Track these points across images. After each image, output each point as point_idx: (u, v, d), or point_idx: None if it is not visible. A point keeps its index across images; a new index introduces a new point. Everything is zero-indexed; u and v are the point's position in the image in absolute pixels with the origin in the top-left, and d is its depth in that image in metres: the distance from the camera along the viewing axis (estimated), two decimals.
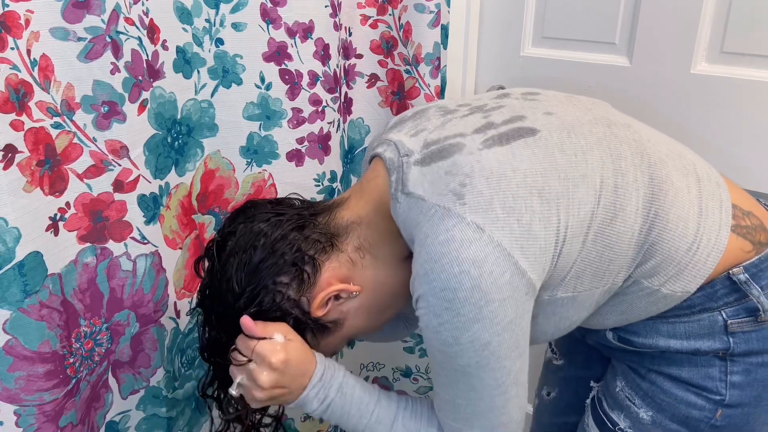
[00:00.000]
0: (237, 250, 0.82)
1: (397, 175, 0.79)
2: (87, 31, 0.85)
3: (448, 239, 0.70)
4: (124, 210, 0.96)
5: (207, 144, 1.14)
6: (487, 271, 0.70)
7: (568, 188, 0.75)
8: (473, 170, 0.74)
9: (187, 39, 1.04)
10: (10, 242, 0.81)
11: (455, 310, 0.71)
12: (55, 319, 0.89)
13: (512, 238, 0.71)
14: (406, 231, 0.79)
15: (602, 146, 0.79)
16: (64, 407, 0.92)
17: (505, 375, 0.76)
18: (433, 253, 0.71)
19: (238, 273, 0.81)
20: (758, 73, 1.09)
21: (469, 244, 0.70)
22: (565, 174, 0.76)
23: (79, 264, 0.93)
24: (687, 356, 0.84)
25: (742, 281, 0.79)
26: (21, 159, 0.81)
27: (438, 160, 0.77)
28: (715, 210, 0.81)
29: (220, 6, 1.07)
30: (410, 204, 0.76)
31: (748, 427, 0.85)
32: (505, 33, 1.38)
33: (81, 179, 0.91)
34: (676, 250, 0.78)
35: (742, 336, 0.80)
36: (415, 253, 0.75)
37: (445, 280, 0.70)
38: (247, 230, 0.83)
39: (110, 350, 1.01)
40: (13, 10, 0.78)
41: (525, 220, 0.72)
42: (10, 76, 0.79)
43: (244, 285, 0.81)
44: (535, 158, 0.76)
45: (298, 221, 0.84)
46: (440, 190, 0.74)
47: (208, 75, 1.10)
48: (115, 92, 0.90)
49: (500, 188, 0.73)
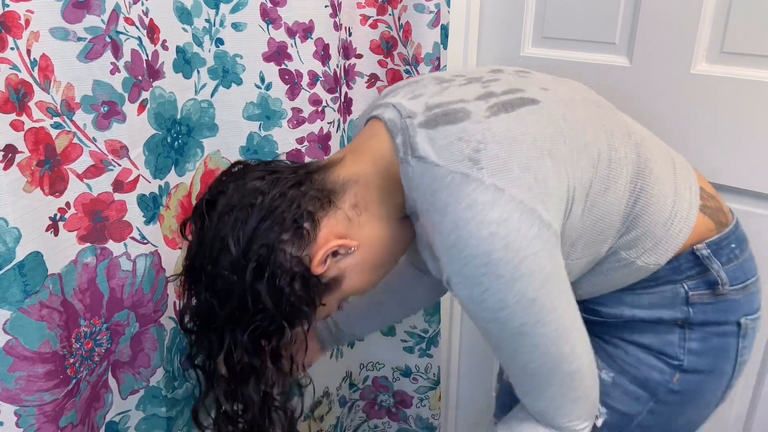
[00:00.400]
0: (231, 208, 0.80)
1: (403, 138, 0.80)
2: (87, 31, 0.85)
3: (470, 204, 0.71)
4: (124, 210, 0.96)
5: (207, 144, 1.14)
6: (514, 228, 0.71)
7: (573, 154, 0.79)
8: (485, 137, 0.76)
9: (187, 39, 1.04)
10: (11, 242, 0.81)
11: (493, 274, 0.71)
12: (55, 320, 0.89)
13: (532, 194, 0.73)
14: (417, 195, 0.79)
15: (595, 122, 0.85)
16: (65, 407, 0.92)
17: (561, 324, 0.77)
18: (457, 220, 0.72)
19: (236, 231, 0.78)
20: (758, 73, 1.09)
21: (492, 205, 0.71)
22: (570, 140, 0.79)
23: (79, 264, 0.93)
24: (650, 324, 0.90)
25: (704, 256, 0.86)
26: (21, 159, 0.81)
27: (444, 123, 0.78)
28: (687, 190, 0.88)
29: (220, 6, 1.07)
30: (424, 170, 0.77)
31: (700, 394, 0.91)
32: (505, 33, 1.38)
33: (81, 179, 0.91)
34: (655, 224, 0.84)
35: (701, 307, 0.87)
36: (433, 223, 0.75)
37: (476, 245, 0.71)
38: (240, 188, 0.81)
39: (110, 350, 1.01)
40: (13, 10, 0.78)
41: (541, 177, 0.74)
42: (10, 76, 0.79)
43: (243, 244, 0.78)
44: (541, 124, 0.79)
45: (295, 178, 0.82)
46: (455, 157, 0.75)
47: (208, 75, 1.10)
48: (115, 92, 0.90)
49: (513, 150, 0.75)
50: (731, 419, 1.28)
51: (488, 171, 0.73)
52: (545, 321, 0.75)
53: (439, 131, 0.78)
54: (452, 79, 0.90)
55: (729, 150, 1.14)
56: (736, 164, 1.13)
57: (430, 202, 0.76)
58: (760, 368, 1.21)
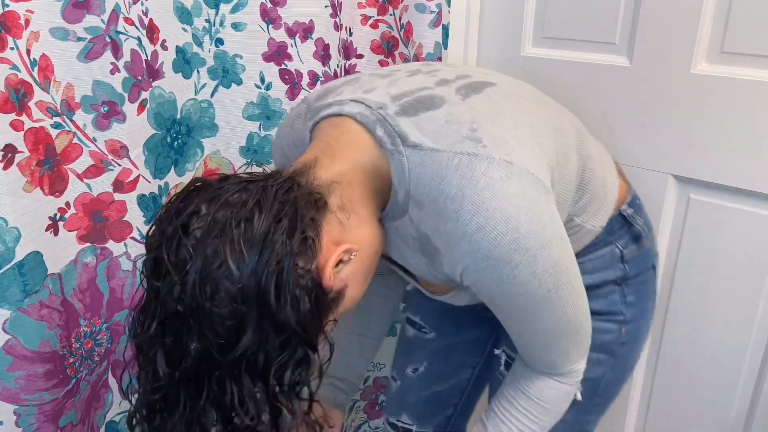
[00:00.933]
0: (221, 228, 0.65)
1: (385, 129, 0.75)
2: (87, 31, 0.85)
3: (488, 182, 0.70)
4: (124, 210, 0.96)
5: (207, 144, 1.14)
6: (533, 197, 0.72)
7: (542, 126, 0.81)
8: (474, 116, 0.75)
9: (187, 39, 1.04)
10: (10, 242, 0.81)
11: (523, 248, 0.70)
12: (55, 319, 0.89)
13: (532, 163, 0.73)
14: (417, 186, 0.74)
15: (540, 99, 0.91)
16: (64, 407, 0.92)
17: (575, 281, 0.79)
18: (479, 201, 0.69)
19: (236, 253, 0.64)
20: (758, 73, 1.08)
21: (509, 179, 0.70)
22: (536, 115, 0.83)
23: (79, 264, 0.93)
24: (596, 289, 0.93)
25: (629, 215, 0.94)
26: (21, 159, 0.81)
27: (424, 110, 0.76)
28: (605, 155, 0.97)
29: (220, 6, 1.07)
30: (423, 158, 0.73)
31: (641, 336, 1.01)
32: (505, 33, 1.38)
33: (81, 179, 0.91)
34: (598, 188, 0.89)
35: (632, 262, 0.95)
36: (446, 211, 0.72)
37: (504, 222, 0.69)
38: (221, 205, 0.67)
39: (110, 350, 1.01)
40: (12, 10, 0.78)
41: (531, 146, 0.76)
42: (9, 76, 0.79)
43: (251, 266, 0.65)
44: (509, 102, 0.82)
45: (282, 184, 0.71)
46: (453, 139, 0.73)
47: (208, 75, 1.10)
48: (115, 92, 0.90)
49: (503, 125, 0.76)
50: (731, 419, 1.28)
51: (493, 147, 0.72)
52: (565, 282, 0.76)
53: (422, 117, 0.75)
54: (392, 73, 0.87)
55: (729, 150, 1.13)
56: (736, 164, 1.13)
57: (438, 190, 0.72)
58: (760, 368, 1.21)
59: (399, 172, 0.75)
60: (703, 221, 1.21)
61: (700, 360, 1.28)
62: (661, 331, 1.32)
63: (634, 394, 1.42)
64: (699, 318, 1.26)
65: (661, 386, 1.37)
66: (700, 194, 1.20)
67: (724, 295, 1.22)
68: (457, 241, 0.72)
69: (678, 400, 1.35)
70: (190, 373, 0.66)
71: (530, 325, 0.81)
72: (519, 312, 0.79)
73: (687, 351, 1.30)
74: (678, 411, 1.35)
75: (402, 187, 0.75)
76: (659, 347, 1.34)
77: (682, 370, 1.32)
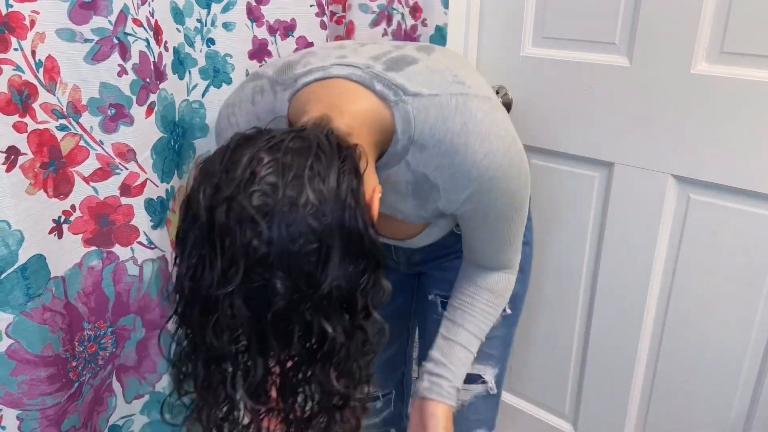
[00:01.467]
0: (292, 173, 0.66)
1: (383, 83, 0.83)
2: (94, 33, 0.84)
3: (484, 115, 0.82)
4: (131, 214, 0.95)
5: (198, 145, 1.12)
6: (509, 123, 0.87)
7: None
8: (447, 65, 0.89)
9: (180, 39, 1.03)
10: (13, 245, 0.80)
11: (516, 164, 0.85)
12: (57, 323, 0.88)
13: (496, 98, 0.89)
14: (424, 129, 0.82)
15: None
16: (67, 411, 0.92)
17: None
18: (484, 132, 0.81)
19: (315, 193, 0.65)
20: (758, 73, 1.09)
21: (494, 110, 0.84)
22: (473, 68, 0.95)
23: (84, 267, 0.92)
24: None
25: None
26: (24, 161, 0.80)
27: (405, 66, 0.86)
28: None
29: (212, 6, 1.06)
30: (425, 103, 0.82)
31: (532, 256, 1.15)
32: (505, 33, 1.38)
33: (87, 182, 0.90)
34: None
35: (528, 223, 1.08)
36: (453, 147, 0.82)
37: (504, 144, 0.83)
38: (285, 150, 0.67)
39: (115, 354, 1.00)
40: (17, 11, 0.77)
41: (487, 86, 0.91)
42: (13, 77, 0.77)
43: (332, 202, 0.66)
44: (453, 58, 0.95)
45: (328, 132, 0.73)
46: (445, 84, 0.84)
47: (200, 75, 1.09)
48: (122, 94, 0.89)
49: (468, 71, 0.90)
50: (731, 419, 1.29)
51: (475, 87, 0.85)
52: (529, 189, 0.93)
53: (407, 71, 0.85)
54: (341, 47, 0.94)
55: (729, 150, 1.14)
56: (736, 164, 1.14)
57: (444, 129, 0.81)
58: (760, 368, 1.22)
59: (404, 120, 0.82)
60: (703, 221, 1.22)
61: (700, 360, 1.29)
62: (661, 330, 1.33)
63: (634, 394, 1.42)
64: (699, 318, 1.27)
65: (661, 386, 1.37)
66: (700, 194, 1.21)
67: (724, 295, 1.22)
68: (467, 169, 0.82)
69: (678, 400, 1.35)
70: (279, 315, 0.66)
71: (504, 230, 0.95)
72: (499, 221, 0.92)
73: (687, 351, 1.31)
74: (678, 411, 1.36)
75: (406, 134, 0.83)
76: (659, 347, 1.35)
77: (682, 370, 1.33)
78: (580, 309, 1.46)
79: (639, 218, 1.29)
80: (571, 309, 1.47)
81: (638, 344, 1.37)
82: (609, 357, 1.44)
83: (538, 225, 1.15)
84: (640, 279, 1.33)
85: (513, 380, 1.66)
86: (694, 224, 1.23)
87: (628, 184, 1.29)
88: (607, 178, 1.33)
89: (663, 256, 1.29)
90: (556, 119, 1.35)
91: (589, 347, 1.46)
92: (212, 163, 0.69)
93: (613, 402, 1.46)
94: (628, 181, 1.29)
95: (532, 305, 1.53)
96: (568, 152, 1.36)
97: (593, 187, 1.35)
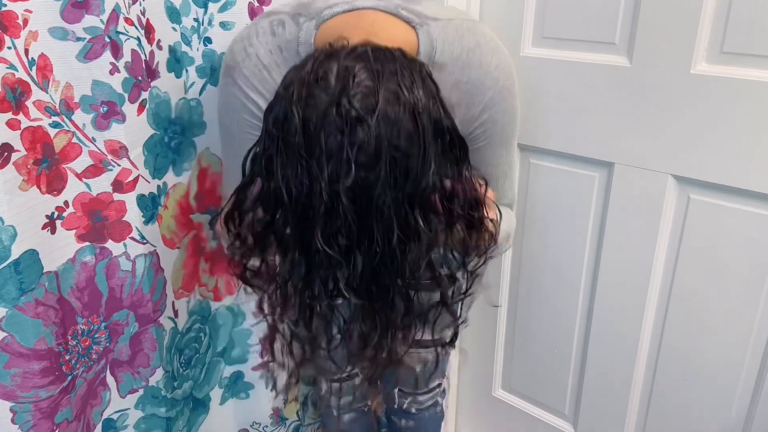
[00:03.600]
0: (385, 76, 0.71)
1: (408, 10, 0.91)
2: (86, 31, 0.85)
3: (490, 35, 0.96)
4: (124, 210, 0.96)
5: (198, 142, 1.13)
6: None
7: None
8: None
9: (176, 38, 1.04)
10: (6, 240, 0.81)
11: (515, 79, 0.98)
12: (50, 317, 0.89)
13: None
14: (444, 47, 0.91)
15: None
16: (60, 404, 0.93)
17: None
18: (492, 47, 0.95)
19: (412, 95, 0.71)
20: (758, 73, 1.08)
21: (493, 34, 0.97)
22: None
23: (77, 262, 0.93)
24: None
25: None
26: (17, 158, 0.82)
27: (417, 2, 0.95)
28: None
29: (209, 5, 1.07)
30: (444, 26, 0.92)
31: None
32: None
33: (80, 179, 0.91)
34: None
35: None
36: (469, 61, 0.92)
37: (507, 59, 0.97)
38: (374, 59, 0.72)
39: (108, 349, 1.01)
40: (10, 10, 0.78)
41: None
42: (6, 75, 0.79)
43: (424, 101, 0.72)
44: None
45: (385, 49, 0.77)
46: (455, 13, 0.98)
47: (197, 73, 1.10)
48: (115, 92, 0.90)
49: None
50: (731, 419, 1.28)
51: (474, 18, 1.04)
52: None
53: (423, 4, 0.95)
54: None
55: (729, 150, 1.13)
56: (737, 164, 1.13)
57: (460, 47, 0.91)
58: (760, 368, 1.21)
59: (426, 42, 0.90)
60: (703, 221, 1.21)
61: (700, 360, 1.28)
62: (661, 330, 1.32)
63: (634, 394, 1.41)
64: (699, 318, 1.26)
65: (661, 386, 1.36)
66: (700, 194, 1.20)
67: (724, 295, 1.21)
68: (482, 80, 0.93)
69: (678, 400, 1.34)
70: (381, 211, 0.69)
71: (505, 156, 1.04)
72: (502, 143, 1.01)
73: (687, 351, 1.30)
74: (678, 411, 1.35)
75: (427, 55, 0.90)
76: (659, 347, 1.34)
77: (682, 370, 1.32)
78: (579, 309, 1.45)
79: (639, 218, 1.28)
80: (571, 309, 1.47)
81: (638, 344, 1.36)
82: (609, 357, 1.43)
83: (538, 225, 1.14)
84: (640, 279, 1.32)
85: (513, 380, 1.65)
86: (694, 224, 1.22)
87: (628, 184, 1.28)
88: (607, 178, 1.32)
89: (663, 256, 1.28)
90: (555, 119, 1.34)
91: (588, 347, 1.46)
92: (300, 73, 0.72)
93: (613, 402, 1.45)
94: (628, 181, 1.28)
95: (532, 305, 1.52)
96: (568, 152, 1.35)
97: (593, 187, 1.34)
